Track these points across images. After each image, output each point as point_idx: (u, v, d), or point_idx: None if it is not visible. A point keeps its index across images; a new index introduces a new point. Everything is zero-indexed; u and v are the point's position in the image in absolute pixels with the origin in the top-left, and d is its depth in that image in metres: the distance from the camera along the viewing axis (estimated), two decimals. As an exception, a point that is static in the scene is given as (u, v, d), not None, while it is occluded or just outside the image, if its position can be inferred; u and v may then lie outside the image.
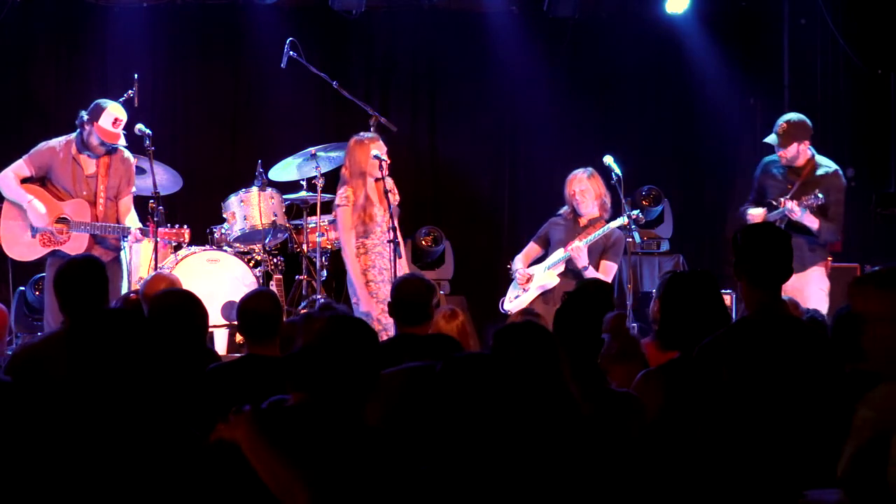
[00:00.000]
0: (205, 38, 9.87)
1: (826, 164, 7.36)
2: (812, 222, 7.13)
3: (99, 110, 7.20)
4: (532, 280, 7.51)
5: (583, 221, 7.50)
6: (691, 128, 10.28)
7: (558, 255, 7.44)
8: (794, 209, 7.10)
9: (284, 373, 3.02)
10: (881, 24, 9.67)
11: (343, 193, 7.07)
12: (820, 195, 7.09)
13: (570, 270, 7.40)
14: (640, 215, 7.48)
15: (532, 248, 7.71)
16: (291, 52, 8.32)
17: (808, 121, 7.39)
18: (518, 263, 7.63)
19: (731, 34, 10.23)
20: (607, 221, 7.38)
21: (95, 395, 2.79)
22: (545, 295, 7.44)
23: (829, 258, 7.38)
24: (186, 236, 7.50)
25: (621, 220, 7.34)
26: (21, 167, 7.13)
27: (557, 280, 7.39)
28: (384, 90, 10.11)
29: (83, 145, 7.21)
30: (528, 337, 3.42)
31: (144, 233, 7.24)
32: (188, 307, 4.50)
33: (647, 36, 10.13)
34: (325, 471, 2.73)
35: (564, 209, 7.57)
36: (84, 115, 7.20)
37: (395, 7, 9.97)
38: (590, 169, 7.49)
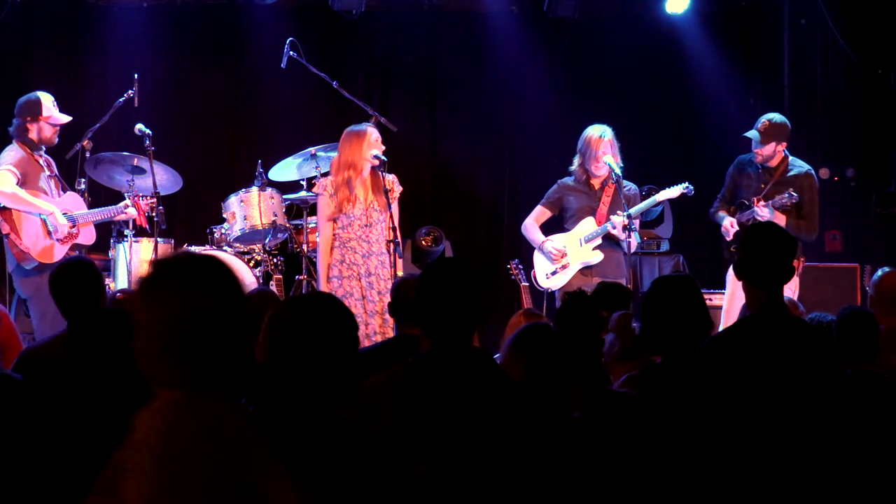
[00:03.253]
0: (205, 38, 9.87)
1: (799, 165, 7.43)
2: (780, 221, 7.14)
3: (38, 103, 7.07)
4: (567, 255, 7.46)
5: (596, 184, 7.48)
6: (691, 128, 10.28)
7: (590, 226, 7.40)
8: (763, 211, 7.13)
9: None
10: (881, 24, 9.67)
11: (322, 182, 7.02)
12: (794, 193, 7.13)
13: (605, 238, 7.38)
14: (691, 188, 7.45)
15: (542, 213, 7.64)
16: (291, 52, 8.32)
17: (788, 123, 7.42)
18: (538, 233, 7.55)
19: (731, 34, 10.24)
20: (615, 182, 7.32)
21: (92, 395, 2.78)
22: (582, 269, 7.42)
23: (802, 258, 7.37)
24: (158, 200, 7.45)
25: (681, 188, 7.35)
26: (13, 177, 6.87)
27: (601, 255, 7.37)
28: (384, 90, 10.11)
29: (35, 145, 7.06)
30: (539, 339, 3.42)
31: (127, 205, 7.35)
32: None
33: (647, 36, 10.13)
34: (313, 473, 2.72)
35: (573, 170, 7.53)
36: (23, 119, 7.03)
37: (395, 7, 9.97)
38: (609, 130, 7.47)
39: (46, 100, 7.12)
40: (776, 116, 7.42)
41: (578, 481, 3.22)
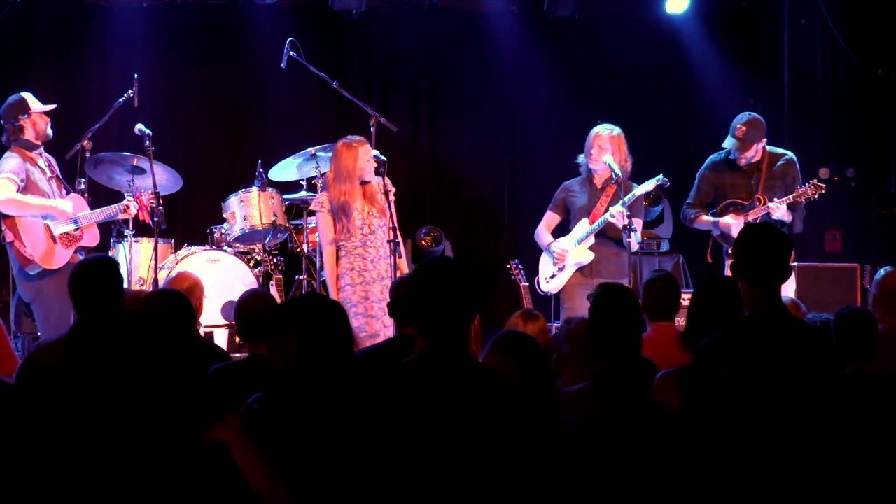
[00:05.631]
0: (205, 38, 9.87)
1: (782, 153, 7.41)
2: (789, 217, 7.15)
3: (24, 102, 7.02)
4: (565, 257, 7.45)
5: (598, 182, 7.46)
6: (691, 128, 10.28)
7: (584, 227, 7.38)
8: (780, 208, 7.12)
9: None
10: (881, 24, 9.67)
11: (318, 199, 7.04)
12: (821, 183, 7.13)
13: (605, 238, 7.37)
14: (665, 179, 7.38)
15: (552, 218, 7.60)
16: (291, 52, 8.32)
17: (761, 118, 7.38)
18: (547, 237, 7.52)
19: (731, 34, 10.24)
20: (616, 183, 7.27)
21: (90, 396, 2.78)
22: (581, 269, 7.41)
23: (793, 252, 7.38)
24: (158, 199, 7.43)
25: (655, 181, 7.31)
26: (13, 185, 6.82)
27: (592, 255, 7.35)
28: (384, 90, 10.11)
29: (32, 144, 7.00)
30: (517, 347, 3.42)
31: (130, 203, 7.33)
32: (171, 307, 4.47)
33: (647, 36, 10.13)
34: (309, 471, 2.73)
35: (581, 167, 7.51)
36: (14, 121, 6.96)
37: (395, 7, 9.97)
38: (617, 128, 7.45)
39: (28, 96, 7.10)
40: (750, 116, 7.36)
41: (585, 484, 3.22)
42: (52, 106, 7.16)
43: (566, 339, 4.00)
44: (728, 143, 7.35)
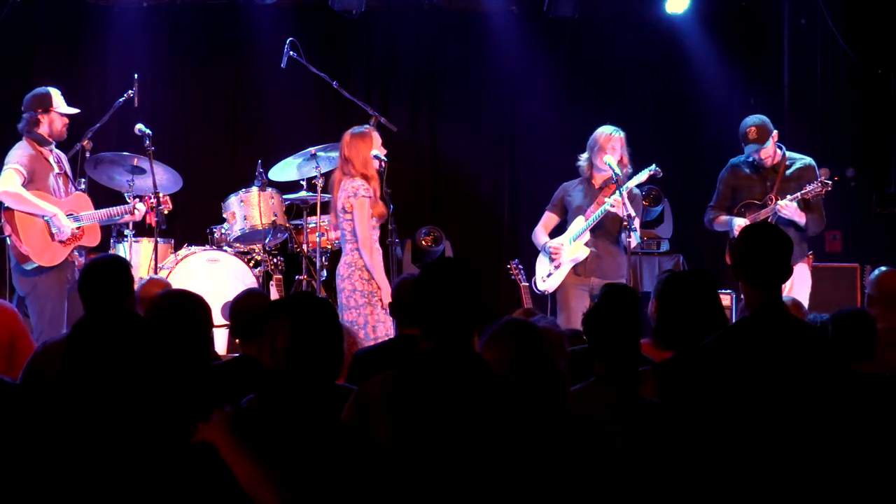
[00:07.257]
0: (205, 38, 9.87)
1: (800, 158, 7.45)
2: (801, 217, 7.18)
3: (48, 97, 7.03)
4: (561, 252, 7.44)
5: (597, 183, 7.45)
6: (691, 128, 10.28)
7: (580, 224, 7.37)
8: (788, 206, 7.14)
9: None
10: (881, 24, 9.67)
11: (362, 184, 6.76)
12: (828, 181, 7.17)
13: (603, 236, 7.37)
14: (658, 169, 7.37)
15: (550, 218, 7.59)
16: (291, 52, 8.32)
17: (764, 117, 7.39)
18: (544, 237, 7.51)
19: (731, 34, 10.24)
20: (615, 183, 7.25)
21: (91, 395, 2.78)
22: (576, 267, 7.40)
23: (811, 253, 7.42)
24: (170, 203, 7.47)
25: (647, 171, 7.31)
26: (19, 177, 6.83)
27: (588, 251, 7.34)
28: (384, 90, 10.12)
29: (44, 140, 6.99)
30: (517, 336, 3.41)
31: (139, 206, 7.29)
32: (194, 309, 4.47)
33: (647, 36, 10.13)
34: (299, 470, 2.73)
35: (581, 166, 7.48)
36: (33, 113, 6.98)
37: (395, 7, 9.98)
38: (623, 133, 7.43)
39: (55, 93, 7.11)
40: (754, 119, 7.37)
41: (581, 480, 3.22)
42: (76, 110, 7.16)
43: None
44: (748, 150, 7.35)
